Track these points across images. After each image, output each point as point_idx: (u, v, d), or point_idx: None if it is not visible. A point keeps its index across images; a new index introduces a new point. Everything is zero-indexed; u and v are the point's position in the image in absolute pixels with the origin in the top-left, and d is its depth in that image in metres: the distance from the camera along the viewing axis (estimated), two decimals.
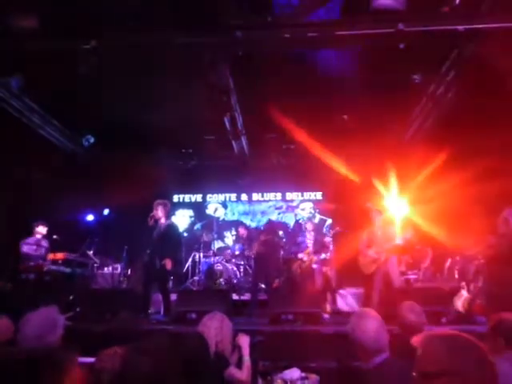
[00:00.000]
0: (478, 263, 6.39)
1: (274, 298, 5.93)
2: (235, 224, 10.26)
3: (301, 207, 10.30)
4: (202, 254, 8.68)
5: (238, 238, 9.32)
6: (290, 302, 5.56)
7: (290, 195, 10.55)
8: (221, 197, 10.71)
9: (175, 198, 10.63)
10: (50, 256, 6.99)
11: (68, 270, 7.12)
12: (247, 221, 10.50)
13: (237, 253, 8.71)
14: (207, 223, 9.85)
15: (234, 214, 10.67)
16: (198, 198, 10.74)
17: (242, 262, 8.50)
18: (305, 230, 7.18)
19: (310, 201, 10.42)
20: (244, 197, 10.66)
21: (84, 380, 1.99)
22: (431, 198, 7.54)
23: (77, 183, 8.56)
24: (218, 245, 9.38)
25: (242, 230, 9.02)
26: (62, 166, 8.66)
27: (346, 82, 6.26)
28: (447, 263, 7.42)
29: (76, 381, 1.26)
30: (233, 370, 2.90)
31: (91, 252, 7.95)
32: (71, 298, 6.58)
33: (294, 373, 3.55)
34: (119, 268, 8.39)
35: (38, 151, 7.88)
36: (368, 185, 8.44)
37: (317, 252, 6.90)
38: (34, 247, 6.72)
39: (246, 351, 3.11)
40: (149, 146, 8.97)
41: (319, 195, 10.41)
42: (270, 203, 10.62)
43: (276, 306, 5.52)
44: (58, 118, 7.92)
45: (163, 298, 6.28)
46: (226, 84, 6.30)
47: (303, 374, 3.57)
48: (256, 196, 10.66)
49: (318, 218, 10.01)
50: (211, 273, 8.14)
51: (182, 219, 10.52)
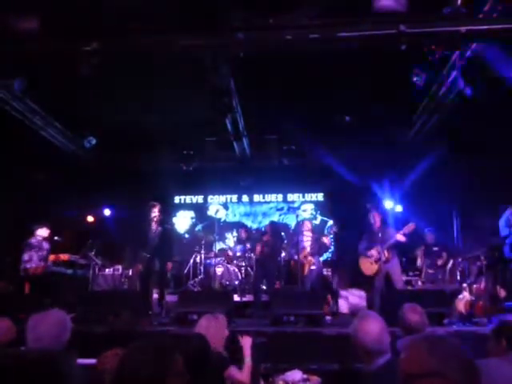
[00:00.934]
0: (480, 265, 6.38)
1: (275, 299, 5.91)
2: (236, 225, 10.25)
3: (302, 208, 10.28)
4: (203, 256, 8.67)
5: (239, 240, 9.32)
6: (291, 303, 5.55)
7: (291, 196, 10.53)
8: (222, 198, 10.70)
9: (176, 200, 10.63)
10: (52, 257, 7.00)
11: (69, 271, 7.13)
12: (248, 222, 10.49)
13: (238, 254, 8.70)
14: (208, 224, 9.83)
15: (235, 216, 10.67)
16: (200, 199, 10.73)
17: (244, 264, 8.49)
18: (302, 230, 7.14)
19: (311, 202, 10.41)
20: (245, 198, 10.65)
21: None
22: (432, 197, 7.54)
23: (78, 184, 8.58)
24: (219, 246, 9.37)
25: (243, 232, 9.03)
26: (64, 167, 8.68)
27: (347, 83, 6.26)
28: (449, 264, 7.40)
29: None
30: (233, 371, 2.88)
31: (92, 253, 7.95)
32: (73, 299, 6.58)
33: (295, 375, 3.54)
34: (120, 269, 8.39)
35: (39, 153, 7.91)
36: (368, 185, 8.44)
37: (314, 253, 6.87)
38: (35, 249, 6.72)
39: (248, 352, 3.09)
40: (150, 148, 8.99)
41: (320, 196, 10.40)
42: (272, 204, 10.61)
43: (277, 308, 5.51)
44: (59, 120, 7.93)
45: (159, 298, 6.31)
46: (227, 85, 6.30)
47: (305, 376, 3.56)
48: (257, 197, 10.64)
49: (320, 219, 10.00)
50: (212, 274, 8.13)
51: (183, 220, 10.51)
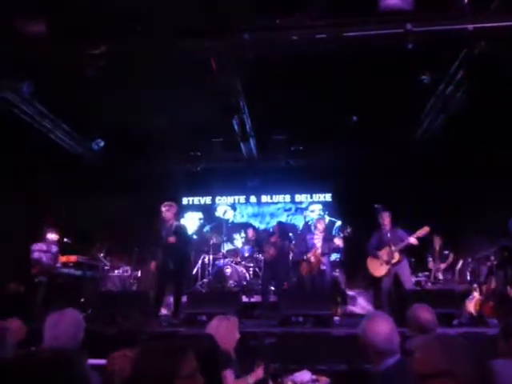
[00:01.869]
0: (490, 265, 6.32)
1: (283, 300, 5.90)
2: (244, 226, 10.25)
3: (310, 209, 10.27)
4: (211, 257, 8.68)
5: (247, 240, 9.32)
6: (299, 304, 5.54)
7: (298, 197, 10.51)
8: (230, 199, 10.71)
9: (184, 201, 10.66)
10: (61, 259, 7.06)
11: (79, 272, 7.18)
12: (256, 223, 10.49)
13: (246, 255, 8.70)
14: (216, 225, 9.86)
15: (242, 216, 10.67)
16: (207, 200, 10.75)
17: (252, 264, 8.49)
18: (314, 229, 7.10)
19: (319, 202, 10.38)
20: (253, 199, 10.66)
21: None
22: (441, 196, 7.48)
23: (87, 186, 8.64)
24: (227, 247, 9.38)
25: (250, 232, 9.02)
26: (72, 169, 8.75)
27: (354, 83, 6.24)
28: (459, 265, 7.34)
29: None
30: (228, 374, 2.77)
31: (101, 255, 8.00)
32: (82, 300, 6.63)
33: (304, 375, 3.53)
34: (129, 270, 8.44)
35: (48, 155, 7.98)
36: (378, 185, 8.40)
37: (325, 254, 6.84)
38: (44, 251, 6.78)
39: (254, 378, 3.05)
40: (157, 149, 9.03)
41: (328, 197, 10.37)
42: (279, 205, 10.60)
43: (286, 308, 5.50)
44: (68, 123, 8.01)
45: (175, 299, 6.29)
46: (234, 86, 6.31)
47: (314, 377, 3.54)
48: (265, 198, 10.64)
49: (328, 219, 9.96)
50: (221, 275, 8.14)
51: (191, 222, 10.54)
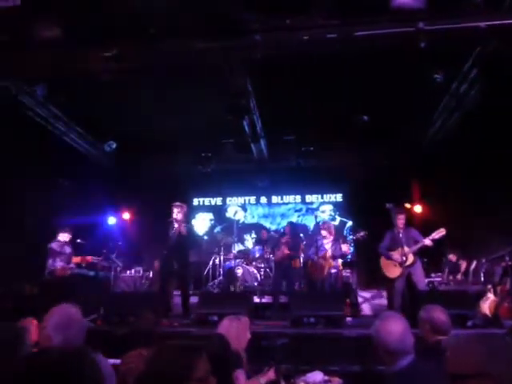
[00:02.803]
0: (505, 265, 6.23)
1: (295, 300, 5.89)
2: (255, 227, 10.26)
3: (321, 209, 10.23)
4: (222, 257, 8.70)
5: (258, 241, 9.32)
6: (311, 304, 5.52)
7: (309, 197, 10.49)
8: (240, 200, 10.74)
9: (195, 202, 10.72)
10: (76, 259, 7.13)
11: (91, 273, 7.24)
12: (267, 224, 10.49)
13: (257, 255, 8.71)
14: (227, 226, 9.88)
15: (253, 217, 10.68)
16: (218, 201, 10.79)
17: (263, 265, 8.49)
18: (322, 232, 7.07)
19: (329, 203, 10.34)
20: (263, 199, 10.66)
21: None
22: (454, 197, 7.39)
23: (99, 187, 8.73)
24: (238, 248, 9.40)
25: (264, 233, 9.05)
26: (85, 170, 8.85)
27: (365, 82, 6.20)
28: (472, 265, 7.25)
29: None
30: (240, 375, 2.79)
31: (114, 255, 8.07)
32: (95, 300, 6.69)
33: (316, 376, 3.51)
34: (141, 271, 8.50)
35: (62, 157, 8.08)
36: (389, 185, 8.34)
37: (335, 257, 6.80)
38: (57, 252, 6.85)
39: (265, 378, 3.05)
40: (168, 151, 9.08)
41: (339, 197, 10.32)
42: (290, 206, 10.59)
43: (297, 309, 5.49)
44: (81, 125, 8.11)
45: (182, 299, 6.32)
46: (245, 86, 6.32)
47: (326, 378, 3.52)
48: (275, 199, 10.64)
49: (339, 220, 9.92)
50: (232, 275, 8.15)
51: (202, 222, 10.59)
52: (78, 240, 7.41)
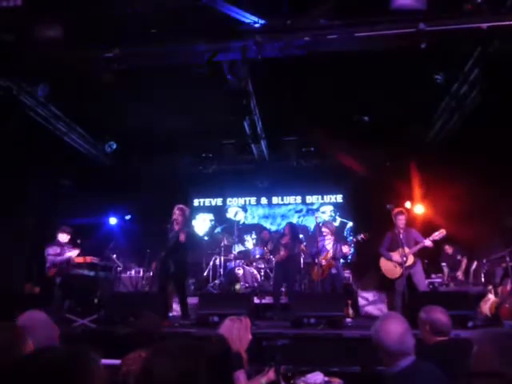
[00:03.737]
0: (505, 266, 6.22)
1: (295, 301, 5.88)
2: (255, 228, 10.26)
3: (321, 210, 10.23)
4: (222, 258, 8.70)
5: (259, 242, 9.31)
6: (311, 305, 5.51)
7: (310, 198, 10.48)
8: (241, 200, 10.73)
9: (196, 202, 10.71)
10: (75, 260, 7.12)
11: (92, 273, 7.23)
12: (267, 224, 10.49)
13: (257, 256, 8.70)
14: (227, 227, 9.88)
15: (254, 218, 10.68)
16: (218, 201, 10.79)
17: (263, 266, 8.49)
18: (322, 233, 7.07)
19: (330, 204, 10.33)
20: (264, 200, 10.66)
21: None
22: (455, 197, 7.37)
23: (100, 188, 8.73)
24: (238, 248, 9.39)
25: (266, 234, 9.05)
26: (86, 171, 8.85)
27: (366, 83, 6.20)
28: (473, 266, 7.24)
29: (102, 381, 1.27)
30: (241, 375, 2.80)
31: (114, 256, 8.07)
32: (95, 301, 6.68)
33: (317, 377, 3.51)
34: (141, 271, 8.49)
35: (62, 157, 8.09)
36: (390, 186, 8.33)
37: (336, 257, 6.80)
38: (57, 252, 6.84)
39: (266, 378, 3.05)
40: (169, 151, 9.09)
41: (340, 198, 10.32)
42: (290, 206, 10.58)
43: (298, 310, 5.48)
44: (81, 125, 8.11)
45: (181, 301, 6.32)
46: (246, 88, 6.32)
47: (326, 379, 3.52)
48: (276, 199, 10.64)
49: (339, 220, 9.92)
50: (232, 276, 8.15)
51: (203, 223, 10.59)
52: (78, 240, 7.40)
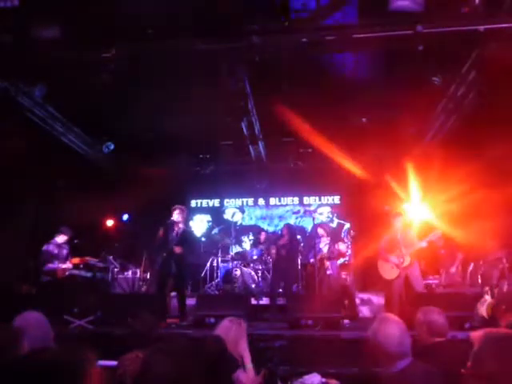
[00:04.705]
0: (502, 267, 6.24)
1: (292, 302, 5.89)
2: (253, 229, 10.26)
3: (319, 211, 10.23)
4: (220, 259, 8.70)
5: (256, 243, 9.31)
6: (308, 307, 5.51)
7: (307, 199, 10.49)
8: (238, 201, 10.73)
9: (193, 203, 10.70)
10: (72, 260, 7.11)
11: (89, 274, 7.22)
12: (264, 225, 10.49)
13: (255, 257, 8.70)
14: (225, 228, 9.87)
15: (251, 219, 10.68)
16: (216, 202, 10.78)
17: (260, 267, 8.49)
18: (318, 234, 7.07)
19: (327, 205, 10.34)
20: (261, 201, 10.66)
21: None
22: (452, 199, 7.39)
23: (97, 189, 8.71)
24: (235, 249, 9.39)
25: (263, 235, 9.05)
26: (83, 172, 8.83)
27: (364, 84, 6.22)
28: (470, 268, 7.26)
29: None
30: (240, 374, 2.88)
31: (111, 257, 8.05)
32: (92, 301, 6.67)
33: (314, 378, 3.51)
34: (139, 272, 8.47)
35: (59, 158, 8.07)
36: (387, 187, 8.34)
37: (331, 258, 6.80)
38: (54, 253, 6.83)
39: (248, 360, 3.08)
40: (167, 152, 9.08)
41: (337, 199, 10.33)
42: (288, 207, 10.59)
43: (295, 311, 5.49)
44: (79, 126, 8.09)
45: (179, 301, 6.32)
46: (243, 89, 6.33)
47: (323, 380, 3.51)
48: (273, 200, 10.64)
49: (336, 222, 9.92)
50: (229, 277, 8.14)
51: (200, 224, 10.57)
52: (75, 241, 7.39)
